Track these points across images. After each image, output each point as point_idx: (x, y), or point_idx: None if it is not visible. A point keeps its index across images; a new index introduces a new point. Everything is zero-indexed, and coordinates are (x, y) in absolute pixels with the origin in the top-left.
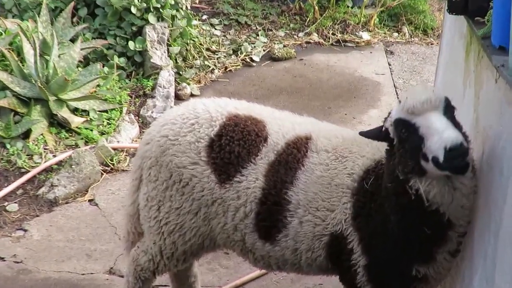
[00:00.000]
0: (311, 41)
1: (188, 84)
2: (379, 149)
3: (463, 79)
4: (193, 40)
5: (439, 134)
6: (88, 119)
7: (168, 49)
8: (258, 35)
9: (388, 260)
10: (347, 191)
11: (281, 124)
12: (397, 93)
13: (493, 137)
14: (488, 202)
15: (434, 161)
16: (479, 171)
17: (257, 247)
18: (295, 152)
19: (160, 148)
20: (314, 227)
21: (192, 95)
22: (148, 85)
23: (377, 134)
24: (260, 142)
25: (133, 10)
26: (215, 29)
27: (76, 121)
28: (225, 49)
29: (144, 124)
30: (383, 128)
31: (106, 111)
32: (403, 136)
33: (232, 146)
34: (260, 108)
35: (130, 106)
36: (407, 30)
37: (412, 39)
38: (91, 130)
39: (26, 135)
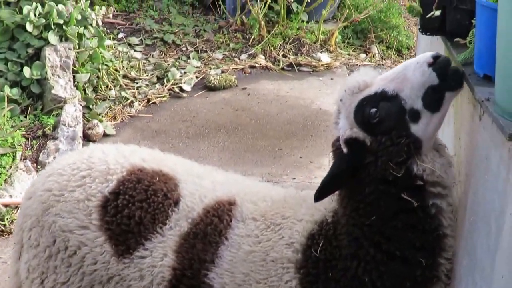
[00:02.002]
0: (256, 65)
1: (100, 121)
2: (316, 208)
3: None
4: (107, 65)
5: (411, 66)
6: None
7: (74, 76)
8: (189, 58)
9: None
10: (289, 265)
11: (199, 184)
12: None
13: (477, 188)
14: (472, 272)
15: (428, 98)
16: (461, 231)
17: None
18: (216, 221)
19: (42, 205)
20: None
21: (105, 135)
22: (49, 123)
23: (342, 163)
24: (169, 206)
25: (29, 27)
26: (135, 50)
27: None
28: (147, 76)
29: None
30: (344, 146)
31: None
32: (376, 117)
33: (131, 208)
34: (175, 161)
35: (26, 150)
36: (377, 50)
37: (384, 61)
38: None
39: None
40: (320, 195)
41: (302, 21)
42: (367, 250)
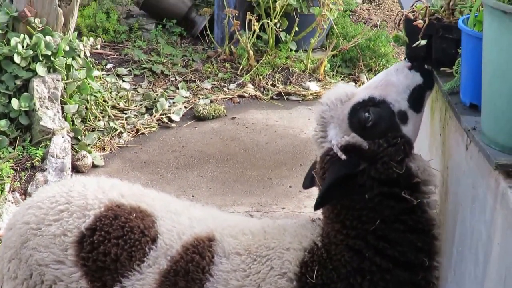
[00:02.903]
0: (245, 94)
1: (89, 152)
2: (302, 235)
3: (429, 144)
4: (95, 96)
5: (392, 72)
6: None
7: (62, 107)
8: (178, 88)
9: None
10: None
11: (177, 220)
12: None
13: (465, 217)
14: None
15: (412, 99)
16: (449, 260)
17: None
18: (198, 258)
19: (21, 238)
20: None
21: (94, 166)
22: (38, 155)
23: (341, 169)
24: (146, 243)
25: (17, 59)
26: (123, 81)
27: None
28: (136, 106)
29: None
30: (341, 154)
31: None
32: (369, 121)
33: (107, 245)
34: (154, 196)
35: (15, 182)
36: (367, 78)
37: None
38: None
39: None
40: (322, 201)
41: (291, 50)
42: (372, 260)
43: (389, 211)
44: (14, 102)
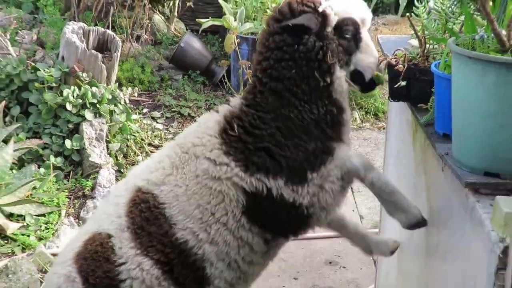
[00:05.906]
0: None
1: None
2: (207, 133)
3: (414, 167)
4: (134, 135)
5: (374, 57)
6: (25, 224)
7: (107, 146)
8: None
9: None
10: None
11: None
12: (351, 189)
13: (444, 228)
14: None
15: (354, 74)
16: (431, 257)
17: None
18: (144, 206)
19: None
20: (225, 229)
21: None
22: (88, 185)
23: (313, 22)
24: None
25: (69, 107)
26: (157, 122)
27: (11, 227)
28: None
29: None
30: (326, 9)
31: (43, 215)
32: (344, 35)
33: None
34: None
35: (69, 208)
36: (358, 115)
37: (364, 124)
38: (28, 236)
39: None
40: (294, 25)
41: None
42: (290, 101)
43: (306, 71)
44: (67, 143)
